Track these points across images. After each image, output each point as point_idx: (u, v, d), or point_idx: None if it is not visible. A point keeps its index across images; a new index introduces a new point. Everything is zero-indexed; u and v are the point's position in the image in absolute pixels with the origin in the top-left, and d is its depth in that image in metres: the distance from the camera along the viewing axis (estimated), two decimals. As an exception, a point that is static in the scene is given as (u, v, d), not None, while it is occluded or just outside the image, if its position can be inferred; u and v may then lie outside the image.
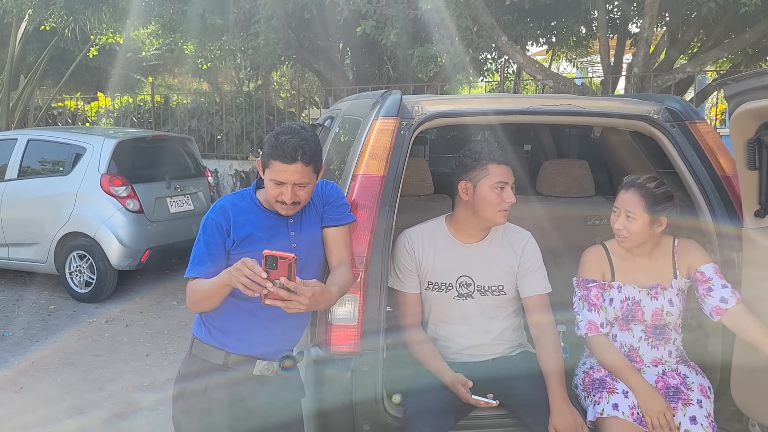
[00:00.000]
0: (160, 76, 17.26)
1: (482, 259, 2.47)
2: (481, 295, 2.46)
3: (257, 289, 1.81)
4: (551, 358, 2.35)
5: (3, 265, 6.74)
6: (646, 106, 2.69)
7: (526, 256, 2.49)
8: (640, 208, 2.34)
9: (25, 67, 12.48)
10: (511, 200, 2.38)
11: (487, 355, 2.48)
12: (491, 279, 2.46)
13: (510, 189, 2.39)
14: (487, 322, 2.48)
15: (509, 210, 2.40)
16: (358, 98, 3.31)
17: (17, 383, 4.36)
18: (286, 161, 1.99)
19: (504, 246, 2.50)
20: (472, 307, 2.47)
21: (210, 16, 7.56)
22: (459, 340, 2.49)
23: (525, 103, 2.70)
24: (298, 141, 1.99)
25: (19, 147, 6.69)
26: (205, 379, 2.13)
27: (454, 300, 2.47)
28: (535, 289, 2.47)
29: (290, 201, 2.04)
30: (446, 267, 2.47)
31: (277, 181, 2.03)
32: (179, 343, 5.11)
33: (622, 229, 2.38)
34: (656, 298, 2.39)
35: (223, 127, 9.89)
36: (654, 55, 7.25)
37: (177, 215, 6.66)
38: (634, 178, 2.41)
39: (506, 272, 2.48)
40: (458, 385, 2.26)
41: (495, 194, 2.36)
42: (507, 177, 2.39)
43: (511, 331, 2.53)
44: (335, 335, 2.29)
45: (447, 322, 2.50)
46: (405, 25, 6.53)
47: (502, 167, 2.39)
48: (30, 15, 8.79)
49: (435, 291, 2.48)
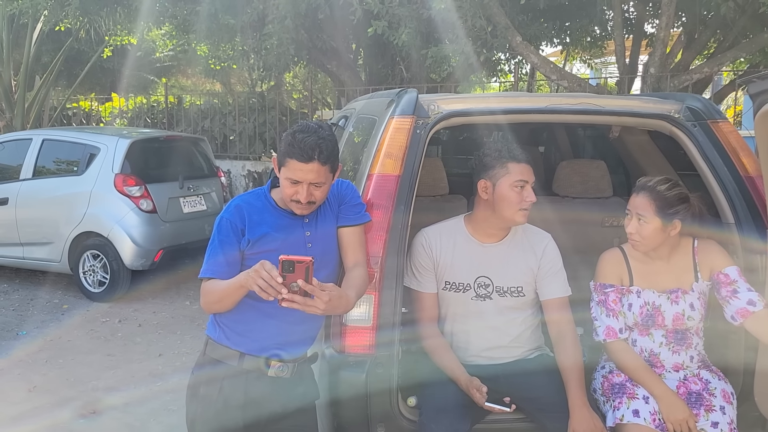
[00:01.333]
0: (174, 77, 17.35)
1: (501, 259, 2.43)
2: (499, 296, 2.42)
3: (272, 293, 1.79)
4: (571, 361, 2.31)
5: (18, 264, 6.78)
6: (667, 105, 2.64)
7: (547, 258, 2.44)
8: (651, 212, 2.29)
9: (41, 68, 12.58)
10: (531, 199, 2.34)
11: (504, 357, 2.45)
12: (510, 280, 2.42)
13: (530, 188, 2.35)
14: (505, 324, 2.43)
15: (529, 209, 2.36)
16: (373, 97, 3.28)
17: (31, 382, 4.37)
18: (302, 160, 1.96)
19: (524, 247, 2.46)
20: (491, 308, 2.42)
21: (223, 16, 7.58)
22: (476, 341, 2.45)
23: (542, 102, 2.67)
24: (315, 140, 1.97)
25: (34, 147, 6.72)
26: (219, 379, 2.11)
27: (471, 300, 2.43)
28: (555, 292, 2.43)
29: (305, 200, 2.02)
30: (464, 267, 2.43)
31: (293, 180, 2.00)
32: (192, 343, 5.11)
33: (634, 233, 2.33)
34: (676, 302, 2.34)
35: (235, 128, 9.91)
36: (670, 56, 7.17)
37: (190, 215, 6.67)
38: (646, 181, 2.36)
39: (525, 273, 2.43)
40: (473, 390, 2.23)
41: (515, 193, 2.32)
42: (527, 175, 2.34)
43: (530, 333, 2.49)
44: (350, 336, 2.26)
45: (464, 323, 2.46)
46: (418, 25, 6.50)
47: (523, 166, 2.34)
48: (45, 16, 8.86)
49: (452, 291, 2.45)
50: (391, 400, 2.27)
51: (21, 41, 11.32)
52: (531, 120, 2.85)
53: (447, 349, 2.42)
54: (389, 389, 2.27)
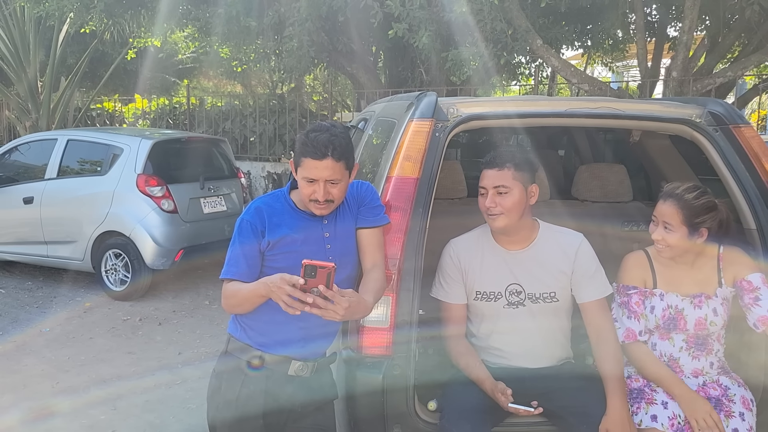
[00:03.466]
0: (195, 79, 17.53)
1: (531, 265, 2.40)
2: (532, 303, 2.40)
3: (299, 307, 1.81)
4: (611, 363, 2.26)
5: (41, 262, 6.89)
6: (688, 109, 2.62)
7: (581, 260, 2.39)
8: (678, 220, 2.27)
9: (66, 70, 12.79)
10: (488, 207, 2.33)
11: (534, 364, 2.42)
12: (542, 286, 2.39)
13: (494, 195, 2.33)
14: (538, 330, 2.41)
15: (497, 216, 2.33)
16: (393, 100, 3.30)
17: (54, 378, 4.45)
18: (316, 157, 2.00)
19: (554, 250, 2.41)
20: (524, 315, 2.40)
21: (244, 18, 7.64)
22: (509, 349, 2.43)
23: (562, 105, 2.66)
24: (328, 137, 2.00)
25: (59, 147, 6.84)
26: (240, 377, 2.14)
27: (504, 309, 2.41)
28: (594, 294, 2.38)
29: (323, 199, 2.04)
30: (494, 276, 2.42)
31: (309, 179, 2.03)
32: (211, 343, 5.16)
33: (660, 240, 2.32)
34: (700, 307, 2.32)
35: (256, 129, 9.98)
36: (693, 59, 7.10)
37: (210, 216, 6.74)
38: (673, 188, 2.33)
39: (558, 278, 2.39)
40: (498, 394, 2.22)
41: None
42: (487, 182, 2.35)
43: (562, 339, 2.47)
44: (367, 337, 2.28)
45: (498, 332, 2.44)
46: (438, 28, 6.51)
47: (487, 171, 2.36)
48: (71, 18, 9.00)
49: (484, 301, 2.43)
50: (407, 401, 2.28)
51: (47, 43, 11.52)
52: (550, 123, 2.85)
53: (473, 355, 2.42)
54: (406, 390, 2.28)
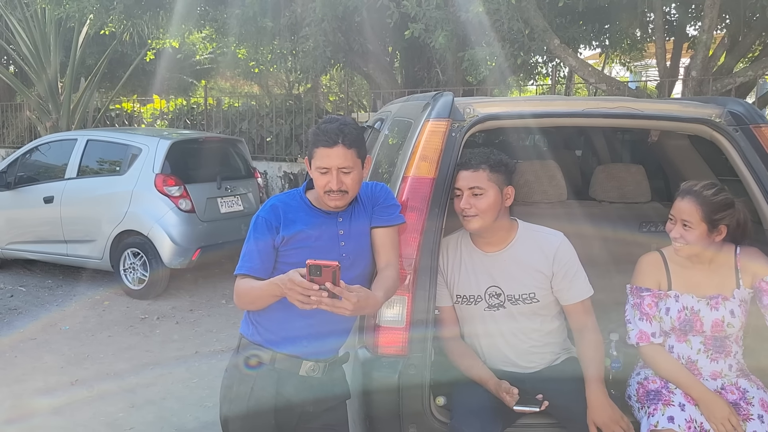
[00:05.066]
0: (213, 80, 17.66)
1: (509, 266, 2.38)
2: (512, 305, 2.38)
3: (314, 303, 1.83)
4: (589, 363, 2.28)
5: (61, 260, 6.98)
6: (708, 109, 2.59)
7: (560, 261, 2.35)
8: (697, 217, 2.25)
9: (86, 70, 12.94)
10: (462, 208, 2.31)
11: (529, 366, 2.42)
12: (521, 287, 2.37)
13: (468, 196, 2.30)
14: (522, 331, 2.40)
15: (472, 217, 2.31)
16: (409, 100, 3.30)
17: (73, 375, 4.51)
18: (327, 145, 2.04)
19: (532, 251, 2.38)
20: (505, 317, 2.39)
21: (261, 19, 7.68)
22: (494, 352, 2.43)
23: (579, 105, 2.64)
24: (338, 125, 2.06)
25: (79, 147, 6.92)
26: (251, 378, 2.15)
27: (485, 312, 2.40)
28: (576, 296, 2.37)
29: (337, 188, 2.05)
30: (472, 278, 2.41)
31: (322, 169, 2.05)
32: (227, 341, 5.19)
33: (678, 238, 2.29)
34: (716, 308, 2.29)
35: (272, 130, 10.03)
36: (713, 59, 7.02)
37: (227, 215, 6.78)
38: (691, 185, 2.31)
39: (536, 279, 2.36)
40: (503, 393, 2.21)
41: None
42: (462, 183, 2.33)
43: (551, 337, 2.45)
44: (383, 337, 2.28)
45: (480, 336, 2.44)
46: (454, 28, 6.49)
47: (462, 173, 2.33)
48: (91, 20, 9.10)
49: (464, 304, 2.43)
50: (423, 401, 2.28)
51: (67, 44, 11.67)
52: (568, 124, 2.83)
53: (472, 355, 2.42)
54: (421, 390, 2.27)
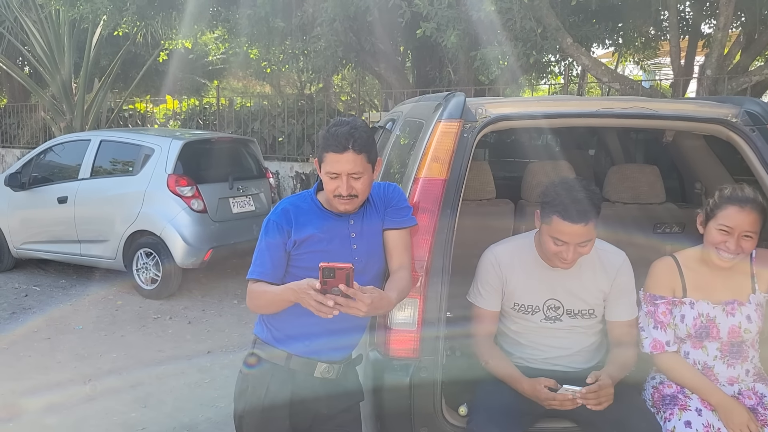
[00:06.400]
0: (225, 80, 17.71)
1: (572, 282, 2.37)
2: (570, 318, 2.39)
3: (327, 312, 1.82)
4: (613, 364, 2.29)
5: (75, 260, 7.03)
6: (724, 109, 2.55)
7: (620, 279, 2.37)
8: (758, 227, 2.15)
9: (99, 71, 13.02)
10: (566, 261, 2.23)
11: (568, 366, 2.41)
12: (581, 303, 2.38)
13: (572, 249, 2.19)
14: (573, 341, 2.41)
15: (571, 262, 2.25)
16: (420, 100, 3.28)
17: (87, 376, 4.53)
18: (338, 150, 2.01)
19: (595, 269, 2.38)
20: (561, 329, 2.40)
21: (273, 19, 7.68)
22: (542, 355, 2.43)
23: (593, 105, 2.61)
24: (348, 129, 2.02)
25: (92, 147, 6.96)
26: (266, 379, 2.15)
27: (541, 323, 2.40)
28: (622, 315, 2.38)
29: (346, 193, 2.04)
30: (534, 289, 2.39)
31: (332, 174, 2.03)
32: (239, 341, 5.20)
33: (734, 250, 2.15)
34: (732, 314, 2.25)
35: (284, 130, 10.04)
36: (728, 57, 6.94)
37: (239, 215, 6.79)
38: (747, 194, 2.16)
39: (596, 296, 2.38)
40: (540, 387, 2.17)
41: (552, 244, 2.22)
42: (569, 238, 2.17)
43: (597, 344, 2.47)
44: (394, 340, 2.27)
45: (533, 346, 2.44)
46: (466, 27, 6.46)
47: (570, 226, 2.15)
48: (104, 21, 9.15)
49: (521, 312, 2.41)
50: (434, 404, 2.27)
51: (81, 45, 11.75)
52: (581, 124, 2.80)
53: (503, 357, 2.41)
54: (433, 392, 2.26)
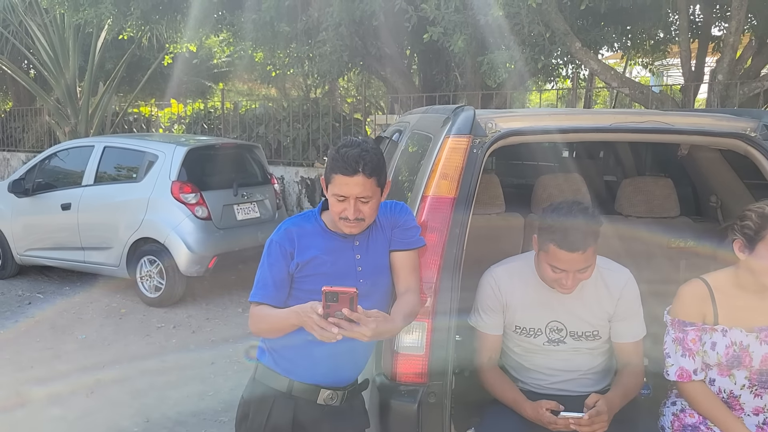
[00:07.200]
0: (230, 82, 17.67)
1: (574, 304, 2.29)
2: (574, 341, 2.31)
3: (330, 337, 1.76)
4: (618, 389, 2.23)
5: (79, 267, 6.97)
6: (742, 122, 2.46)
7: (624, 300, 2.28)
8: None
9: (104, 75, 13.01)
10: (565, 287, 2.17)
11: (574, 390, 2.33)
12: (584, 325, 2.30)
13: (571, 276, 2.14)
14: (579, 363, 2.34)
15: (571, 288, 2.20)
16: (428, 112, 3.19)
17: (89, 388, 4.47)
18: (347, 173, 1.93)
19: (598, 289, 2.29)
20: (564, 351, 2.32)
21: (278, 24, 7.62)
22: (546, 379, 2.36)
23: (607, 119, 2.52)
24: (358, 152, 1.93)
25: (96, 154, 6.91)
26: (268, 405, 2.09)
27: (543, 346, 2.32)
28: (629, 336, 2.30)
29: (353, 217, 1.96)
30: (536, 312, 2.32)
31: (340, 197, 1.96)
32: (243, 352, 5.13)
33: None
34: (767, 342, 2.14)
35: (289, 134, 9.98)
36: (740, 61, 6.83)
37: (244, 222, 6.73)
38: None
39: (600, 317, 2.30)
40: (542, 410, 2.12)
41: (551, 272, 2.17)
42: (567, 266, 2.12)
43: (603, 366, 2.39)
44: (401, 364, 2.19)
45: (538, 369, 2.36)
46: (473, 31, 6.38)
47: (567, 254, 2.10)
48: (109, 25, 9.12)
49: (523, 335, 2.34)
50: (443, 431, 2.19)
51: (86, 49, 11.73)
52: (594, 139, 2.71)
53: (507, 381, 2.34)
54: (441, 419, 2.18)
